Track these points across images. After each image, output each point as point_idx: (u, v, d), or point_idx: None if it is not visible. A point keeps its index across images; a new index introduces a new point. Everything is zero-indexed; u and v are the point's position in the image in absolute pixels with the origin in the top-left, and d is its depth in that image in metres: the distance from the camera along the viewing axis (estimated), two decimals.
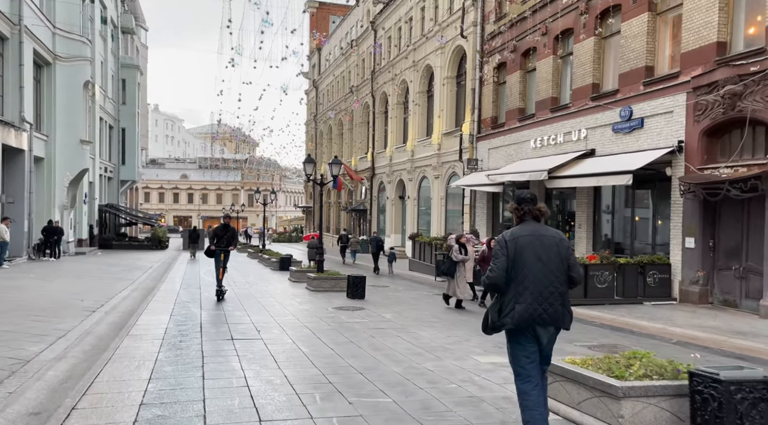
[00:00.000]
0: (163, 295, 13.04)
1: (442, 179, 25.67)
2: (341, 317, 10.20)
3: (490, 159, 21.60)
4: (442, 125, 25.64)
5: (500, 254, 3.85)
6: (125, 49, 42.31)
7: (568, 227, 17.82)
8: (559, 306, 3.83)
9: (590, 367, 4.75)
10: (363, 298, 12.96)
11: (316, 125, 48.08)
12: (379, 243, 23.15)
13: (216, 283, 12.29)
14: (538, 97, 18.60)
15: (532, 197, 4.06)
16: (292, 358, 6.86)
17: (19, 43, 21.15)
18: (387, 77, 32.11)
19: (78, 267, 19.67)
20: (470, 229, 22.48)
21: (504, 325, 3.83)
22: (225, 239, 12.27)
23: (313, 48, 48.50)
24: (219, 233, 12.32)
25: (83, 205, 31.41)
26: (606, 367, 4.66)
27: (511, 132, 20.17)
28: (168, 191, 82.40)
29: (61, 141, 25.56)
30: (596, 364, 4.78)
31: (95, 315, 9.57)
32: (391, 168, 31.67)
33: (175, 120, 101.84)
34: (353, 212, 37.57)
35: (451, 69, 25.25)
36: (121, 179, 40.42)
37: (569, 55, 17.44)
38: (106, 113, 36.49)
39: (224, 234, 12.30)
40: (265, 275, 19.48)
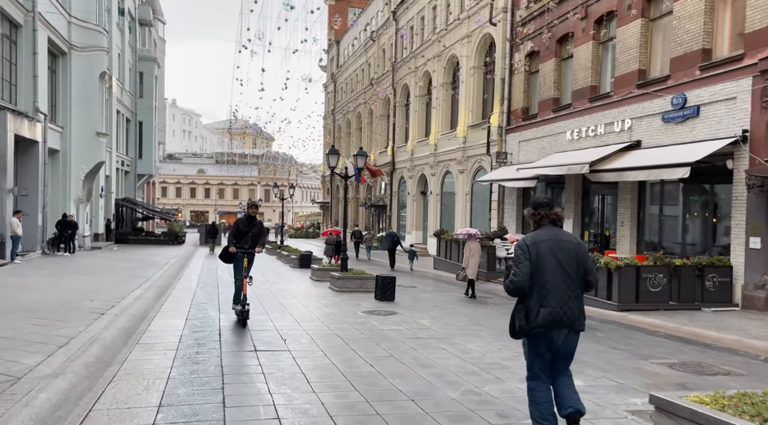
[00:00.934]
0: (179, 295, 12.08)
1: (468, 173, 24.47)
2: (374, 324, 9.13)
3: (520, 152, 20.37)
4: (467, 117, 24.43)
5: (523, 259, 3.90)
6: (143, 42, 41.59)
7: (607, 225, 16.57)
8: (576, 310, 3.91)
9: (730, 410, 3.60)
10: (393, 300, 11.88)
11: (335, 118, 47.04)
12: (394, 239, 22.57)
13: (236, 299, 8.83)
14: (575, 86, 17.33)
15: (549, 201, 4.13)
16: (326, 377, 5.80)
17: (33, 31, 20.34)
18: (409, 69, 30.92)
19: (92, 263, 18.85)
20: (498, 226, 21.33)
21: (533, 329, 3.88)
22: (250, 236, 8.80)
23: (331, 40, 47.42)
24: (242, 229, 8.87)
25: (99, 199, 30.73)
26: (753, 411, 3.52)
27: (544, 124, 18.92)
28: (185, 186, 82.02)
29: (77, 133, 24.80)
30: (736, 406, 3.64)
31: (103, 319, 8.60)
32: (412, 163, 30.53)
33: (192, 115, 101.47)
34: (372, 207, 36.50)
35: (477, 58, 24.00)
36: (138, 173, 39.78)
37: (611, 40, 16.15)
38: (123, 106, 35.78)
39: (249, 230, 8.84)
40: (285, 273, 18.49)
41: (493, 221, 21.96)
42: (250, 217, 9.03)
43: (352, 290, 13.40)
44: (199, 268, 19.30)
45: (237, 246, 8.76)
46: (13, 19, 19.48)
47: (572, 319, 3.89)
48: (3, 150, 17.41)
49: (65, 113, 24.54)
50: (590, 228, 17.30)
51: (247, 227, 8.90)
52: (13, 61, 20.07)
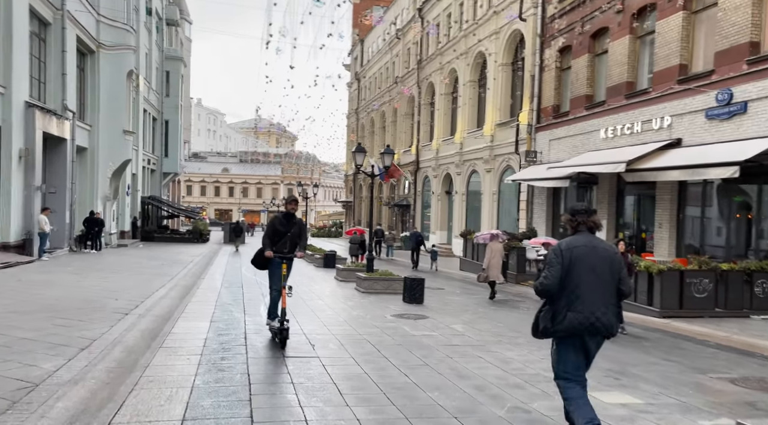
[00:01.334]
0: (203, 295, 11.81)
1: (495, 173, 23.87)
2: (404, 328, 8.70)
3: (551, 151, 19.73)
4: (495, 116, 23.83)
5: (555, 263, 3.92)
6: (169, 42, 41.83)
7: (644, 227, 15.86)
8: (611, 316, 3.93)
9: None
10: (422, 303, 11.43)
11: (358, 118, 46.73)
12: (418, 239, 22.34)
13: (271, 313, 7.47)
14: (610, 82, 16.65)
15: (587, 208, 4.13)
16: (359, 389, 5.38)
17: (62, 29, 20.38)
18: (434, 67, 30.41)
19: (117, 261, 18.80)
20: (527, 227, 20.72)
21: (557, 332, 3.92)
22: (289, 238, 7.37)
23: (356, 39, 47.14)
24: (280, 228, 7.39)
25: (126, 196, 30.88)
26: None
27: (576, 121, 18.26)
28: (209, 185, 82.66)
29: (104, 131, 24.87)
30: None
31: (127, 319, 8.34)
32: (437, 162, 30.01)
33: (217, 114, 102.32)
34: (396, 207, 36.07)
35: (506, 55, 23.38)
36: (163, 172, 40.03)
37: (649, 35, 15.45)
38: (150, 104, 35.97)
39: (288, 230, 7.38)
40: (309, 273, 18.18)
41: (521, 221, 21.34)
42: (288, 214, 7.51)
43: (378, 291, 12.99)
44: (223, 267, 19.11)
45: (274, 250, 7.30)
46: (43, 17, 19.53)
47: (607, 326, 3.89)
48: (32, 147, 17.43)
49: (93, 111, 24.63)
50: (625, 230, 16.60)
51: (286, 227, 7.39)
52: (42, 59, 20.13)
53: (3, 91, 16.25)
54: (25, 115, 17.25)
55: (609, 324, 3.87)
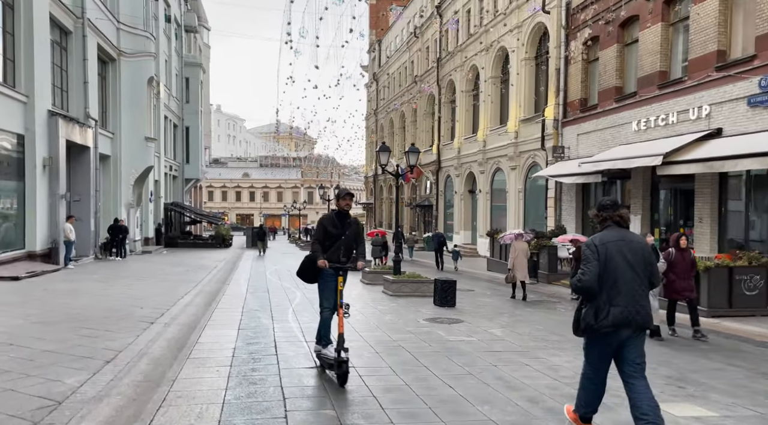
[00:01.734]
0: (229, 301, 11.51)
1: (520, 170, 23.27)
2: (440, 333, 8.25)
3: (579, 146, 19.10)
4: (519, 111, 23.24)
5: (592, 259, 3.91)
6: (188, 48, 42.00)
7: (681, 222, 15.16)
8: (648, 309, 3.94)
9: None
10: (454, 306, 10.97)
11: (377, 119, 46.38)
12: (440, 240, 22.42)
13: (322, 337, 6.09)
14: (642, 72, 15.99)
15: (613, 203, 4.13)
16: (402, 402, 4.96)
17: (83, 37, 20.39)
18: (454, 64, 29.90)
19: (142, 268, 18.68)
20: (555, 225, 20.10)
21: (602, 328, 3.88)
22: (343, 242, 5.95)
23: (373, 40, 46.84)
24: (332, 230, 5.96)
25: (149, 203, 30.97)
26: None
27: (605, 114, 17.62)
28: (230, 190, 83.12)
29: (127, 138, 24.92)
30: None
31: (153, 329, 8.05)
32: (459, 160, 29.48)
33: (236, 120, 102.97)
34: (418, 208, 35.60)
35: (529, 49, 22.79)
36: (185, 178, 40.16)
37: (683, 21, 14.78)
38: (170, 111, 36.09)
39: (342, 232, 5.96)
40: None
41: (549, 219, 20.72)
42: (341, 213, 6.01)
43: (407, 294, 12.56)
44: (247, 272, 18.86)
45: (328, 256, 5.85)
46: (63, 25, 19.55)
47: (645, 319, 3.90)
48: (55, 156, 17.39)
49: (115, 119, 24.68)
50: (660, 225, 15.92)
51: (339, 229, 5.91)
52: (64, 68, 20.17)
53: (25, 100, 16.22)
54: (49, 123, 17.22)
55: (646, 315, 3.91)
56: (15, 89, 15.87)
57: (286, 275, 17.79)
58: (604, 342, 3.91)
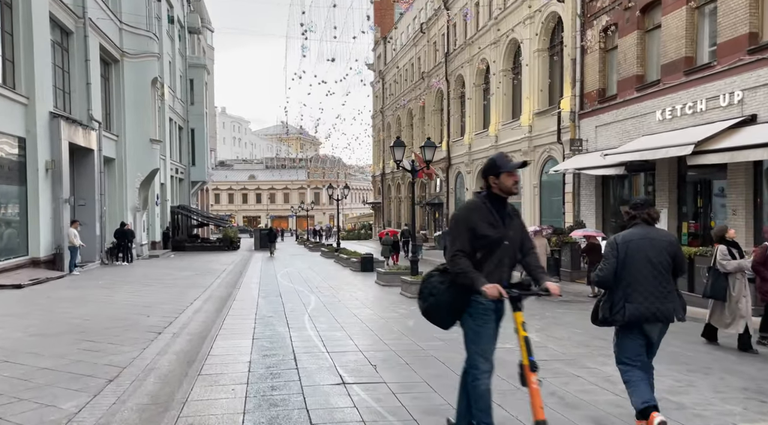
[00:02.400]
0: (241, 306, 10.86)
1: (535, 164, 22.53)
2: None
3: (598, 138, 18.34)
4: (533, 104, 22.49)
5: (610, 256, 4.04)
6: (192, 49, 41.47)
7: (712, 215, 14.39)
8: (670, 305, 3.96)
9: None
10: None
11: (384, 117, 45.70)
12: None
13: (472, 414, 3.67)
14: (665, 59, 15.21)
15: (645, 201, 4.22)
16: None
17: (84, 38, 19.82)
18: (463, 59, 29.16)
19: (149, 272, 18.08)
20: (574, 221, 19.35)
21: (615, 322, 4.03)
22: (508, 250, 3.62)
23: (378, 38, 46.17)
24: (487, 232, 3.51)
25: (155, 206, 30.42)
26: None
27: (626, 105, 16.86)
28: (237, 192, 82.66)
29: (131, 141, 24.36)
30: None
31: (160, 339, 7.40)
32: (470, 157, 28.74)
33: (241, 122, 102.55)
34: (428, 206, 34.88)
35: (542, 40, 22.03)
36: (191, 180, 39.62)
37: (709, 3, 14.00)
38: (175, 113, 35.56)
39: (504, 233, 3.58)
40: (347, 278, 17.15)
41: (567, 215, 19.97)
42: (498, 199, 3.59)
43: None
44: (257, 275, 18.22)
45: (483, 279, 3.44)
46: (65, 26, 18.99)
47: (667, 314, 3.95)
48: (58, 159, 16.81)
49: (119, 121, 24.13)
50: (689, 219, 15.15)
51: (499, 227, 3.53)
52: (65, 69, 19.61)
53: (26, 102, 15.65)
54: (50, 126, 16.64)
55: (669, 311, 3.95)
56: (15, 91, 15.30)
57: (297, 277, 17.14)
58: (631, 334, 4.01)
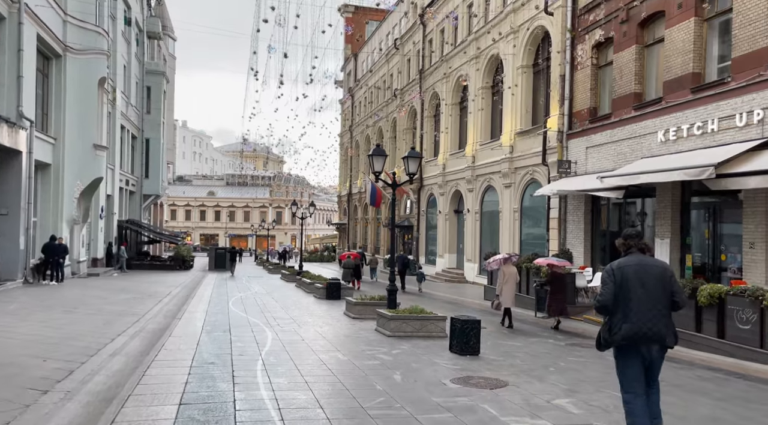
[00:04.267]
0: (176, 346, 8.48)
1: (516, 187, 20.93)
2: (490, 411, 5.46)
3: (588, 160, 16.85)
4: (515, 123, 21.00)
5: (608, 281, 4.26)
6: (151, 56, 38.84)
7: (723, 248, 12.88)
8: (662, 327, 4.16)
9: None
10: (478, 353, 8.24)
11: (352, 135, 43.84)
12: (404, 262, 22.34)
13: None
14: (669, 75, 13.86)
15: (638, 233, 4.50)
16: None
17: (18, 24, 17.23)
18: (439, 76, 27.69)
19: (78, 295, 15.36)
20: (560, 249, 17.73)
21: (614, 342, 4.20)
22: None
23: (348, 55, 44.60)
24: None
25: (99, 220, 27.42)
26: None
27: (622, 124, 15.42)
28: (194, 209, 78.81)
29: (72, 145, 21.56)
30: None
31: (41, 406, 5.05)
32: (444, 178, 27.06)
33: (203, 137, 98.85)
34: (397, 228, 32.90)
35: (527, 56, 20.67)
36: (144, 194, 36.61)
37: (721, 15, 12.74)
38: (128, 120, 32.75)
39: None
40: (311, 307, 14.86)
41: (552, 242, 18.32)
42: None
43: (409, 334, 9.77)
44: (206, 301, 15.69)
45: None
46: None
47: (659, 335, 4.15)
48: None
49: (58, 123, 21.33)
50: (694, 251, 13.64)
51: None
52: None
53: None
54: None
55: (661, 332, 4.14)
56: None
57: (253, 305, 14.75)
58: (629, 359, 4.17)
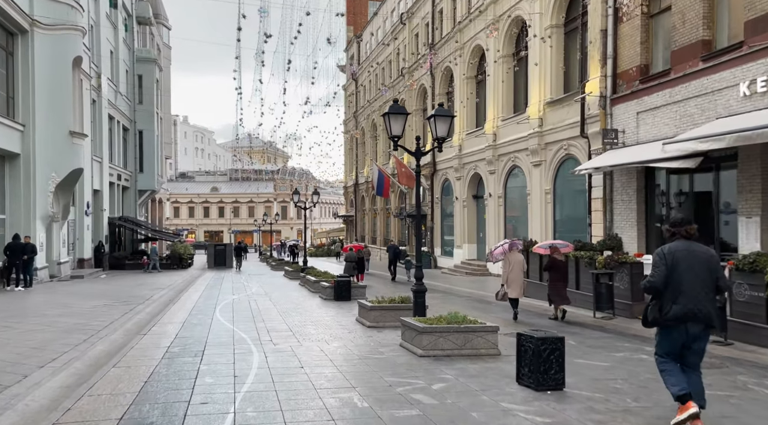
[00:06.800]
0: (110, 388, 5.68)
1: (547, 166, 18.06)
2: None
3: (639, 127, 13.95)
4: (544, 93, 18.10)
5: (660, 264, 4.49)
6: (143, 43, 36.05)
7: None
8: (709, 308, 4.46)
9: None
10: (563, 388, 5.42)
11: (357, 122, 40.95)
12: (396, 251, 22.70)
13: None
14: (752, 13, 10.92)
15: (682, 220, 4.68)
16: None
17: None
18: (451, 48, 24.75)
19: (38, 303, 12.68)
20: (605, 235, 14.87)
21: (666, 321, 4.45)
22: None
23: (350, 37, 41.64)
24: None
25: (85, 217, 24.78)
26: None
27: (685, 80, 12.49)
28: (198, 205, 76.16)
29: (44, 133, 18.85)
30: None
31: None
32: (460, 161, 24.19)
33: (205, 132, 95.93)
34: (408, 218, 30.06)
35: (556, 15, 17.72)
36: (139, 189, 33.93)
37: None
38: (118, 110, 30.04)
39: None
40: (316, 312, 12.04)
41: (595, 227, 15.43)
42: None
43: (449, 353, 6.96)
44: (189, 307, 12.87)
45: None
46: None
47: (707, 316, 4.42)
48: None
49: (27, 107, 18.61)
50: None
51: None
52: None
53: None
54: None
55: (708, 313, 4.41)
56: None
57: (245, 311, 11.98)
58: (674, 333, 4.44)
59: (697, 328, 4.37)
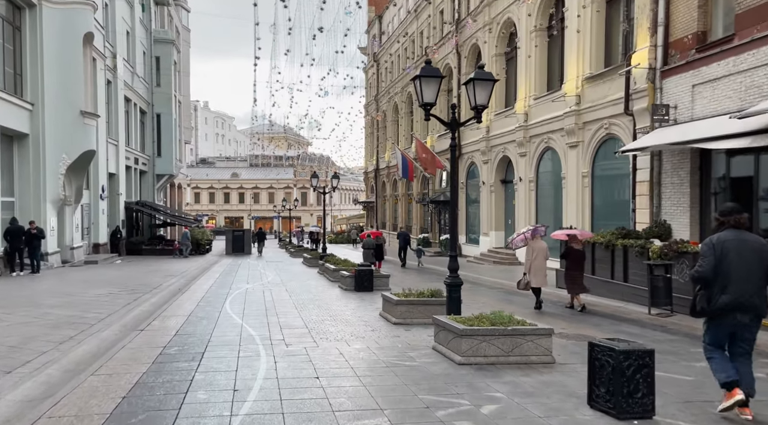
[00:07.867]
0: (75, 409, 4.64)
1: (585, 147, 16.56)
2: None
3: (695, 102, 12.38)
4: (582, 67, 16.53)
5: (709, 254, 4.43)
6: (161, 24, 35.09)
7: None
8: (757, 298, 4.37)
9: None
10: (652, 415, 4.16)
11: (378, 105, 39.55)
12: (406, 238, 22.57)
13: None
14: None
15: (732, 208, 4.59)
16: None
17: None
18: (480, 23, 23.18)
19: (42, 290, 11.80)
20: (652, 221, 13.41)
21: (714, 312, 4.39)
22: None
23: (372, 17, 40.09)
24: None
25: (100, 201, 24.03)
26: None
27: (753, 47, 10.90)
28: (218, 191, 75.75)
29: (53, 112, 17.98)
30: None
31: None
32: (488, 143, 22.75)
33: (225, 117, 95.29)
34: (431, 204, 28.74)
35: None
36: (157, 173, 33.20)
37: None
38: (135, 93, 29.18)
39: None
40: (335, 305, 10.89)
41: (640, 213, 13.95)
42: None
43: (494, 361, 5.74)
44: (198, 297, 11.83)
45: None
46: None
47: (757, 306, 4.35)
48: None
49: (36, 85, 17.74)
50: None
51: None
52: None
53: None
54: None
55: (756, 304, 4.33)
56: None
57: (258, 302, 10.89)
58: (721, 323, 4.38)
59: (746, 318, 4.33)
